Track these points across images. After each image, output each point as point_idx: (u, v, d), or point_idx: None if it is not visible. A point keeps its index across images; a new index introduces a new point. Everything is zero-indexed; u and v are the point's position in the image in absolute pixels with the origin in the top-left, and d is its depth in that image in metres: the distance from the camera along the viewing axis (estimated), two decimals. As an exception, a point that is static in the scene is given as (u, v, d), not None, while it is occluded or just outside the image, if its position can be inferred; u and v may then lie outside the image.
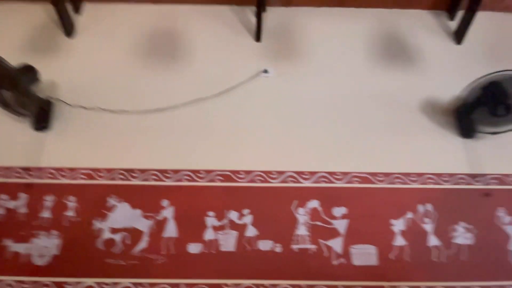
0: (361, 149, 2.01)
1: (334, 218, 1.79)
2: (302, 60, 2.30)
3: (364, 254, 1.70)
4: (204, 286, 1.63)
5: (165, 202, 1.81)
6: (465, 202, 1.87)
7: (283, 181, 1.87)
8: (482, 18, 2.40)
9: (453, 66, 2.27)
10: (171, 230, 1.75)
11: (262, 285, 1.64)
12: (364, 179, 1.90)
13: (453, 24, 2.39)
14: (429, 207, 1.84)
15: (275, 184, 1.87)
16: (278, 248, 1.71)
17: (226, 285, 1.64)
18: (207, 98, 2.09)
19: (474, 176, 1.93)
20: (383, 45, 2.34)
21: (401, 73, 2.24)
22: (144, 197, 1.83)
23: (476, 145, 2.01)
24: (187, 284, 1.63)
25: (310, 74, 2.24)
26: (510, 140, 2.00)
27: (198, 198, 1.83)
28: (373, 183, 1.90)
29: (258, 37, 2.30)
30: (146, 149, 1.98)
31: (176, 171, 1.89)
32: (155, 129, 2.02)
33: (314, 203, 1.82)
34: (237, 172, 1.90)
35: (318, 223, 1.78)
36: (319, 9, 2.45)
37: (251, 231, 1.75)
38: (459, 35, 2.31)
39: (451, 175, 1.93)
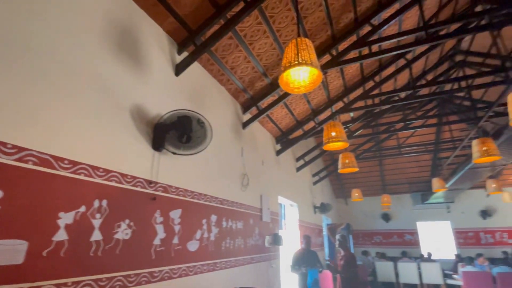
0: (53, 124, 1.64)
1: (-26, 203, 1.25)
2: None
3: (9, 252, 1.31)
4: None
5: None
6: (136, 202, 2.12)
7: None
8: (196, 68, 3.19)
9: (166, 90, 2.70)
10: None
11: None
12: (44, 162, 1.56)
13: (179, 58, 2.91)
14: (104, 203, 1.87)
15: None
16: None
17: None
18: None
19: (149, 182, 2.28)
20: (118, 36, 2.23)
21: (125, 72, 2.25)
22: None
23: (160, 158, 2.43)
24: None
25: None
26: (180, 162, 2.65)
27: None
28: (55, 168, 1.61)
29: None
30: None
31: None
32: None
33: None
34: None
35: None
36: None
37: None
38: (178, 69, 2.85)
39: (134, 177, 2.14)
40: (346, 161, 4.44)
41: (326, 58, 3.99)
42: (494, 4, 4.33)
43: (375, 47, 4.05)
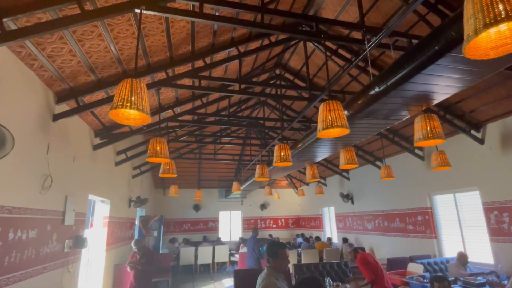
0: None
1: None
2: None
3: None
4: None
5: None
6: None
7: None
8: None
9: None
10: None
11: None
12: None
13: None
14: None
15: None
16: None
17: None
18: None
19: None
20: None
21: None
22: None
23: None
24: None
25: None
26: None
27: None
28: None
29: None
30: None
31: None
32: None
33: None
34: None
35: None
36: None
37: None
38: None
39: None
40: (167, 167, 4.93)
41: (162, 75, 4.29)
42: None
43: (204, 82, 4.79)
